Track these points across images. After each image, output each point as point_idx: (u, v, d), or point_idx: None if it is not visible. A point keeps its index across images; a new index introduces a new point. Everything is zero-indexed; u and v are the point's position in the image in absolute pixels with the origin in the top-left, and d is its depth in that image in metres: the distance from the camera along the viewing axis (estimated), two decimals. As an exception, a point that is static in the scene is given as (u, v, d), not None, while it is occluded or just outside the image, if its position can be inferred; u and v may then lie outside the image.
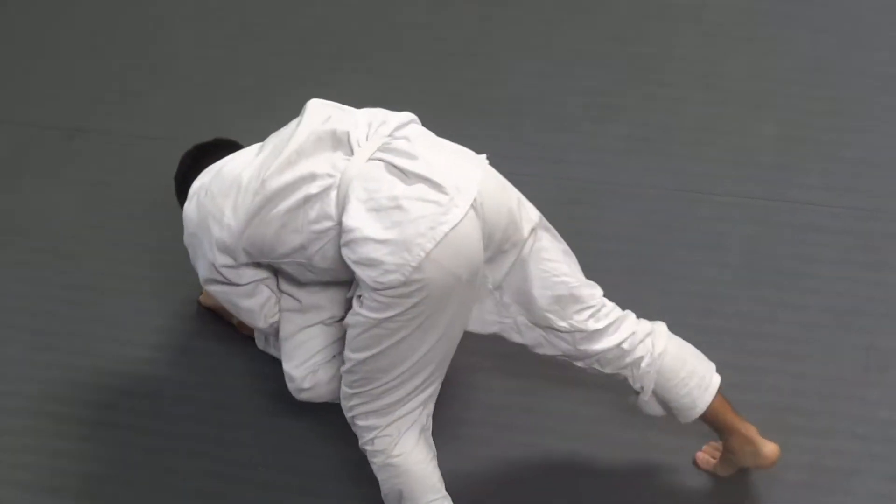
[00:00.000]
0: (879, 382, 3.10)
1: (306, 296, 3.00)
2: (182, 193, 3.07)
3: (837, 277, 3.31)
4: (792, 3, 4.08)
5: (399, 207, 2.57)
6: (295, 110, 2.91)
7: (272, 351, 3.27)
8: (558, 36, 4.09)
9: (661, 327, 2.85)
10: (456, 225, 2.56)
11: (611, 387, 2.96)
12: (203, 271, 2.94)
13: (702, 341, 2.93)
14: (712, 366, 2.86)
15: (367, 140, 2.70)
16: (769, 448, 2.83)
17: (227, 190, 2.80)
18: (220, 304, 3.38)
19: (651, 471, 3.02)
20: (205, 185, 2.90)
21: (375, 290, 2.59)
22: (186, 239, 2.96)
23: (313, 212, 2.68)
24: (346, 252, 2.63)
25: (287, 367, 3.04)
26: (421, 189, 2.59)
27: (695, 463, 3.00)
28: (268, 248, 2.79)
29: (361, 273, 2.60)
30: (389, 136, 2.72)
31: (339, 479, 3.08)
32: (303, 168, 2.70)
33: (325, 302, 3.00)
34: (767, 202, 3.52)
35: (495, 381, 3.22)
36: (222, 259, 2.86)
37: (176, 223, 3.64)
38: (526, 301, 2.77)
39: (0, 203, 3.84)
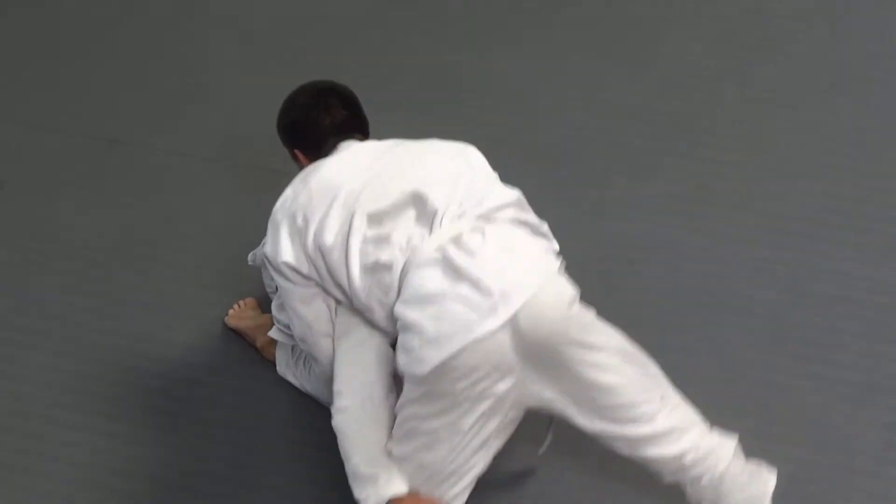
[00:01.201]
0: (899, 461, 3.09)
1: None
2: (286, 134, 3.11)
3: (863, 352, 3.29)
4: (838, 74, 4.08)
5: (439, 303, 2.61)
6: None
7: (291, 378, 3.28)
8: (602, 89, 4.10)
9: (727, 447, 2.78)
10: (489, 332, 2.59)
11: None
12: (268, 250, 2.91)
13: (723, 405, 2.92)
14: (769, 483, 2.81)
15: (450, 221, 2.73)
16: None
17: (324, 194, 2.82)
18: (244, 327, 3.42)
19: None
20: (310, 173, 2.90)
21: (405, 375, 2.67)
22: (272, 213, 2.94)
23: (380, 281, 2.74)
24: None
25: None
26: (464, 289, 2.61)
27: None
28: (339, 282, 2.83)
29: (397, 357, 2.68)
30: (478, 216, 2.75)
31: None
32: (384, 228, 2.76)
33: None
34: (798, 269, 3.50)
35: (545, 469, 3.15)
36: (287, 257, 2.85)
37: (211, 242, 3.70)
38: (571, 411, 2.73)
39: (37, 211, 3.87)
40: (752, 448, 2.90)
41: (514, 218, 2.83)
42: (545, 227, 2.94)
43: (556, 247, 2.98)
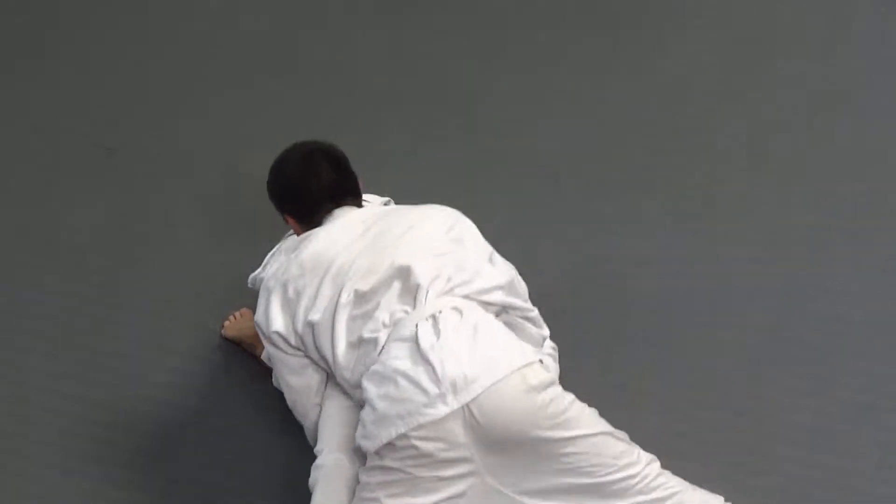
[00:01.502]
0: (891, 480, 3.09)
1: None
2: (276, 201, 3.12)
3: (858, 370, 3.31)
4: (839, 81, 4.09)
5: (395, 382, 2.66)
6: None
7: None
8: (602, 101, 4.11)
9: None
10: (436, 419, 2.61)
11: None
12: (259, 318, 2.98)
13: (719, 422, 2.93)
14: None
15: (436, 296, 2.76)
16: None
17: (316, 270, 2.87)
18: (242, 336, 3.43)
19: None
20: (303, 244, 2.93)
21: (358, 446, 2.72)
22: (264, 280, 3.00)
23: (366, 354, 2.78)
24: None
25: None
26: (420, 373, 2.64)
27: None
28: (323, 355, 2.88)
29: (358, 428, 2.73)
30: (464, 296, 2.77)
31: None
32: (369, 305, 2.80)
33: None
34: (795, 286, 3.51)
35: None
36: (277, 327, 2.92)
37: (207, 248, 3.70)
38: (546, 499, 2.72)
39: (37, 212, 3.86)
40: (747, 463, 2.92)
41: (501, 302, 2.86)
42: (534, 312, 2.97)
43: (546, 332, 3.02)
